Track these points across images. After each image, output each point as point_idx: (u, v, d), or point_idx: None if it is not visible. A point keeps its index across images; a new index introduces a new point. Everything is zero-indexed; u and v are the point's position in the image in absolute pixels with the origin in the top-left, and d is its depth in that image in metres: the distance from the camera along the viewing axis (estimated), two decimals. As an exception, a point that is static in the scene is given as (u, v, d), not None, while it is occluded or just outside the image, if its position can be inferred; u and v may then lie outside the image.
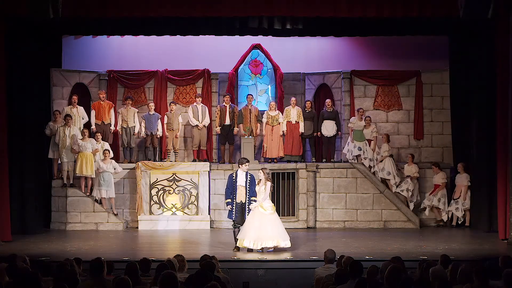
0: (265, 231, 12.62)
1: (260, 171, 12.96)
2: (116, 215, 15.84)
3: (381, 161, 16.32)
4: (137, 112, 16.73)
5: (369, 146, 16.51)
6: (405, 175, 16.32)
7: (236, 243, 12.88)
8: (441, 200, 16.06)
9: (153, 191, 16.03)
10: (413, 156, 16.48)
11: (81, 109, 16.42)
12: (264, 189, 12.75)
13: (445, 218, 16.14)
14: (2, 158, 13.83)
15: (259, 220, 12.65)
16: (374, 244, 13.71)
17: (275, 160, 16.57)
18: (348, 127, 16.82)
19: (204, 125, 16.66)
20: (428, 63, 17.28)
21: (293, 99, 16.90)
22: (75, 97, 16.38)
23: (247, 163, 12.97)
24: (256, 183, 12.84)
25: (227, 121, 16.72)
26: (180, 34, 16.20)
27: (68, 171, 15.85)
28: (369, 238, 14.52)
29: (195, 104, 16.76)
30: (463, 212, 15.92)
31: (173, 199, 16.08)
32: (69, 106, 16.38)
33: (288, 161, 16.60)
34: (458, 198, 15.92)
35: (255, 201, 12.72)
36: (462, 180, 15.92)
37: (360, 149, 16.51)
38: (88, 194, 15.86)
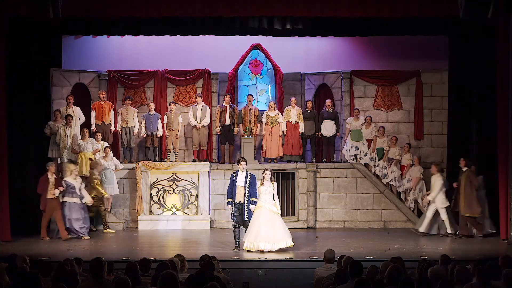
0: (279, 232, 12.68)
1: (268, 171, 12.93)
2: (109, 211, 15.80)
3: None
4: (137, 112, 16.74)
5: (369, 145, 16.52)
6: (388, 157, 16.30)
7: (236, 243, 12.88)
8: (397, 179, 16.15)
9: (153, 191, 16.03)
10: (396, 139, 16.47)
11: (77, 109, 16.31)
12: (273, 189, 12.76)
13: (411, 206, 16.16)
14: (2, 158, 13.82)
15: (272, 220, 12.66)
16: (374, 244, 13.71)
17: (275, 160, 16.57)
18: (345, 127, 16.83)
19: (202, 125, 16.65)
20: (428, 63, 17.26)
21: (293, 99, 16.90)
22: (70, 98, 16.26)
23: (243, 163, 12.96)
24: (260, 183, 12.81)
25: (227, 121, 16.72)
26: (180, 34, 16.20)
27: (68, 171, 15.85)
28: (369, 238, 14.52)
29: (195, 104, 16.77)
30: (414, 203, 16.04)
31: (173, 199, 16.08)
32: (65, 107, 16.29)
33: (288, 161, 16.60)
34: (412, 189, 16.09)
35: (255, 202, 12.71)
36: (415, 172, 15.98)
37: (357, 148, 16.52)
38: (88, 194, 15.86)
